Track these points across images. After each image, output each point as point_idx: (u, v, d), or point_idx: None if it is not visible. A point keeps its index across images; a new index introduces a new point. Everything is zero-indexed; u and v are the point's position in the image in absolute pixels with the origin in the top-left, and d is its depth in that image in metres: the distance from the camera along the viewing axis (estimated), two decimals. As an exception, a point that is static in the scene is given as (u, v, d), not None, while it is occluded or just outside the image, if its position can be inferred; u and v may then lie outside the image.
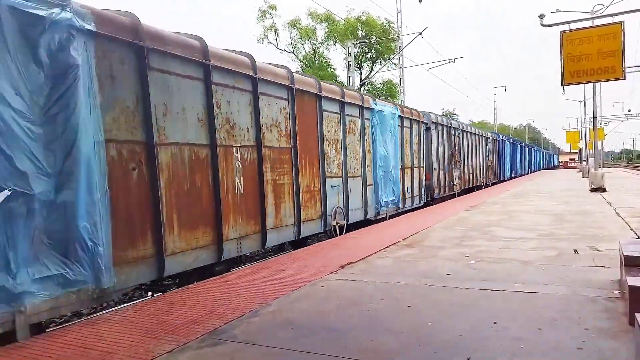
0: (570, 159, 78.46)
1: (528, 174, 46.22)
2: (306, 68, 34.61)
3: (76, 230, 4.52)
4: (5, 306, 3.99)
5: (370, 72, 36.61)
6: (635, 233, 7.84)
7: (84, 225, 4.57)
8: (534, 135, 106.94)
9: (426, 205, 15.73)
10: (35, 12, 4.27)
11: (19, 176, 4.10)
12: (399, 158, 13.14)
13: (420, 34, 23.55)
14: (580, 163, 43.62)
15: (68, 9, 4.53)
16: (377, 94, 32.70)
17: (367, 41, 33.74)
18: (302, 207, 8.71)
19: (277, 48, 36.41)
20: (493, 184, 27.68)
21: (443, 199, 17.51)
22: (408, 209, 14.22)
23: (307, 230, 8.94)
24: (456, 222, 10.46)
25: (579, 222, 9.58)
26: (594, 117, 20.52)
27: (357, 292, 4.94)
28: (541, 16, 11.98)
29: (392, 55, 33.20)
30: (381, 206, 12.13)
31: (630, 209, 11.16)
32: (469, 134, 21.92)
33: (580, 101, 38.38)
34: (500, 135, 32.90)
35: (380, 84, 37.67)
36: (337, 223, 9.90)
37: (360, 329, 3.83)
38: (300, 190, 8.68)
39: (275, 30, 35.92)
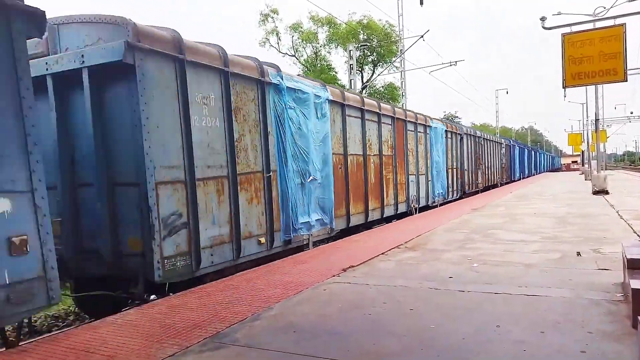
0: (573, 162, 78.28)
1: (534, 175, 49.09)
2: (308, 71, 34.69)
3: (328, 198, 9.21)
4: (307, 231, 8.51)
5: (372, 75, 36.65)
6: (638, 235, 7.81)
7: (329, 196, 9.22)
8: (535, 138, 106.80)
9: (460, 198, 19.52)
10: (319, 94, 9.03)
11: (314, 170, 8.71)
12: (445, 161, 17.37)
13: (422, 37, 23.59)
14: (583, 165, 43.62)
15: (327, 91, 9.40)
16: (379, 97, 32.76)
17: (368, 44, 33.81)
18: (398, 194, 13.28)
19: (279, 52, 36.54)
20: (506, 183, 31.05)
21: (470, 194, 21.25)
22: (450, 200, 18.23)
23: (401, 208, 13.52)
24: (459, 224, 10.44)
25: (581, 224, 9.56)
26: (596, 120, 20.50)
27: (359, 296, 4.93)
28: (543, 19, 11.97)
29: (393, 59, 33.26)
30: (435, 196, 16.36)
31: (633, 212, 11.13)
32: (488, 141, 25.96)
33: (582, 103, 38.35)
34: (511, 141, 36.81)
35: (382, 87, 37.74)
36: (413, 206, 14.37)
37: (362, 332, 3.83)
38: (397, 183, 13.24)
39: (277, 34, 36.06)
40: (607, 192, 17.28)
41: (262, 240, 7.36)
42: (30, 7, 4.00)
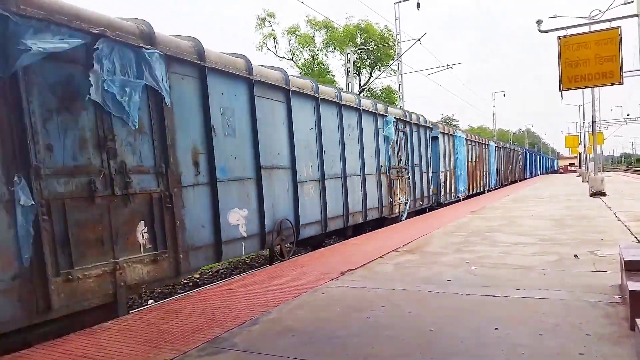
0: (570, 164, 78.56)
1: (537, 175, 59.77)
2: (305, 75, 34.73)
3: (465, 181, 20.92)
4: (460, 194, 20.10)
5: (369, 78, 36.75)
6: (636, 237, 7.83)
7: (465, 180, 21.02)
8: (533, 140, 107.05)
9: (500, 187, 30.11)
10: (464, 137, 21.42)
11: (463, 169, 20.65)
12: (495, 164, 28.41)
13: (419, 40, 23.68)
14: (580, 167, 43.96)
15: (464, 135, 21.56)
16: (376, 100, 33.03)
17: (365, 48, 33.91)
18: (480, 181, 24.13)
19: (277, 55, 36.59)
20: (521, 180, 42.66)
21: (505, 186, 32.15)
22: (497, 187, 29.31)
23: (481, 189, 24.22)
24: (457, 227, 10.46)
25: (579, 226, 9.58)
26: (593, 122, 20.57)
27: (357, 299, 4.93)
28: (538, 22, 12.04)
29: (390, 62, 33.36)
30: (491, 185, 27.34)
31: (631, 213, 11.16)
32: (513, 150, 38.74)
33: (579, 105, 38.49)
34: (525, 149, 51.25)
35: (379, 90, 37.84)
36: (486, 189, 25.39)
37: (361, 335, 3.82)
38: (480, 176, 24.05)
39: (274, 38, 36.13)
40: (604, 194, 17.32)
41: (453, 195, 18.69)
42: (431, 125, 16.74)
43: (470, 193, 22.13)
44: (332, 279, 5.85)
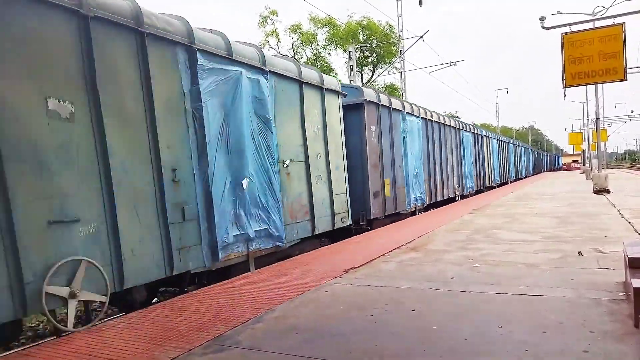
0: (574, 161, 78.31)
1: (544, 171, 68.08)
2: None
3: (496, 171, 28.05)
4: (494, 183, 27.73)
5: (372, 76, 36.68)
6: (640, 234, 7.81)
7: (497, 172, 29.00)
8: (536, 137, 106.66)
9: (525, 177, 40.41)
10: (482, 133, 25.20)
11: (491, 161, 26.49)
12: (515, 161, 36.59)
13: (422, 37, 23.63)
14: (584, 164, 44.12)
15: (491, 135, 27.90)
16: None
17: (368, 45, 33.84)
18: (500, 174, 30.22)
19: (279, 53, 36.56)
20: (533, 175, 51.03)
21: (528, 176, 42.04)
22: (528, 176, 43.76)
23: (505, 180, 31.15)
24: (460, 225, 10.45)
25: (583, 224, 9.55)
26: (597, 119, 20.51)
27: (361, 297, 4.94)
28: (542, 19, 11.97)
29: (393, 59, 33.30)
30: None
31: (635, 211, 11.12)
32: (526, 149, 47.21)
33: (583, 102, 38.36)
34: (535, 150, 64.13)
35: (382, 87, 37.77)
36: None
37: (364, 333, 3.83)
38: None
39: (277, 36, 36.10)
40: (608, 191, 17.25)
41: (492, 182, 25.04)
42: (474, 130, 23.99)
43: (501, 182, 28.75)
44: (335, 277, 5.86)
